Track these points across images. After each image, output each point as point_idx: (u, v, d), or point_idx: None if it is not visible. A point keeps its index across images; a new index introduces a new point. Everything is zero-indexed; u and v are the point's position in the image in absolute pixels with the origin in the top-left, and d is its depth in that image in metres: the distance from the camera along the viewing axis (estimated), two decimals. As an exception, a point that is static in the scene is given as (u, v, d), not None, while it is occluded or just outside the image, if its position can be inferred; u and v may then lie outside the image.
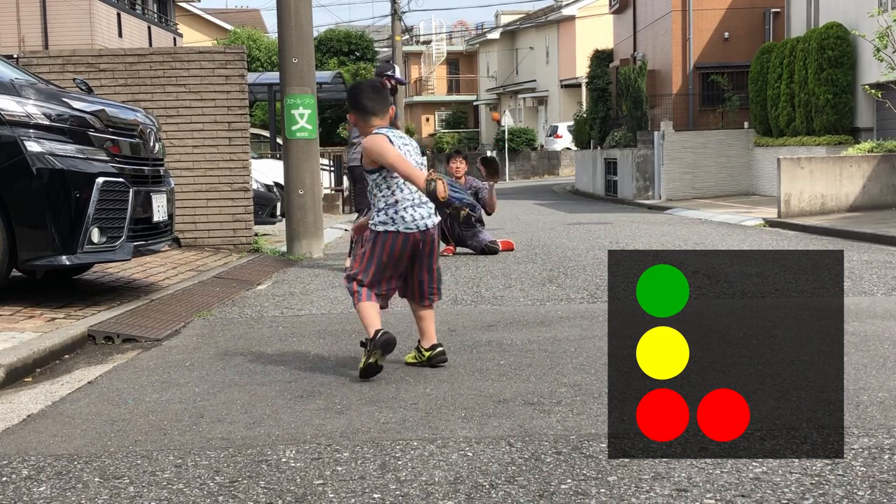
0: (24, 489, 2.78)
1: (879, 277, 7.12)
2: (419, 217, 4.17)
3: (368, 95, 4.30)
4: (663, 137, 21.35)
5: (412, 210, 4.17)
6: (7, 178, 5.39)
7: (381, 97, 4.31)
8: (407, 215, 4.16)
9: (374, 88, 4.35)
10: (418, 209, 4.18)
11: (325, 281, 7.79)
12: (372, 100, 4.28)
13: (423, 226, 4.16)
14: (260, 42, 39.07)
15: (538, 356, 4.46)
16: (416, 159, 4.19)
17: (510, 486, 2.66)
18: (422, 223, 4.16)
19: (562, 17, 43.04)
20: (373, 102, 4.27)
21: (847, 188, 13.91)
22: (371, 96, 4.29)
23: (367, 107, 4.28)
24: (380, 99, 4.30)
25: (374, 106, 4.27)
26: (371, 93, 4.31)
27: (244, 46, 10.38)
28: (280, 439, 3.19)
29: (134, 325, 5.37)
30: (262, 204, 12.49)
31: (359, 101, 4.30)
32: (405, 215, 4.15)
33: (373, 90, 4.33)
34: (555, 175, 40.22)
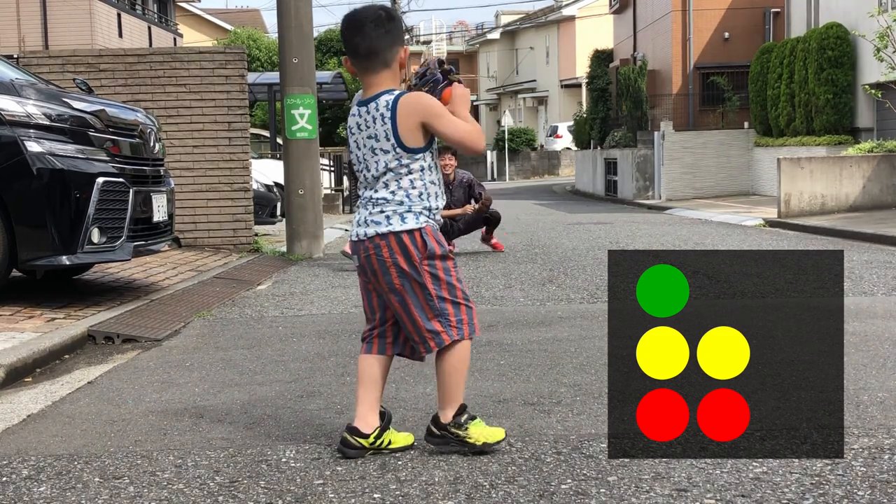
0: (24, 489, 2.78)
1: (879, 277, 7.12)
2: (357, 222, 3.02)
3: (361, 28, 2.98)
4: (663, 137, 21.35)
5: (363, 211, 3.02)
6: (7, 178, 5.39)
7: (380, 32, 2.96)
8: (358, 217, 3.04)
9: (375, 19, 2.96)
10: (361, 210, 3.02)
11: (325, 281, 7.79)
12: (367, 36, 2.96)
13: (355, 235, 3.01)
14: (260, 42, 39.08)
15: (538, 356, 4.45)
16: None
17: (510, 486, 2.66)
18: (359, 231, 2.99)
19: (562, 17, 43.02)
20: (367, 40, 2.95)
21: (847, 188, 13.91)
22: (364, 30, 2.96)
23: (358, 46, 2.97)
24: (377, 36, 2.96)
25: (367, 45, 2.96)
26: (366, 25, 2.96)
27: (244, 46, 10.38)
28: (280, 439, 3.19)
29: (134, 325, 5.37)
30: (262, 204, 12.49)
31: (346, 37, 3.01)
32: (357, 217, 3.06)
33: (372, 21, 2.95)
34: (555, 175, 40.21)
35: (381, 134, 2.92)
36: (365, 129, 2.96)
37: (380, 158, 2.94)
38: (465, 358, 2.98)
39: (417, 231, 2.92)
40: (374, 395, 3.01)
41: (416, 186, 2.94)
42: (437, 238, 2.97)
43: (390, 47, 2.96)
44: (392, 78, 2.98)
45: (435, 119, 2.91)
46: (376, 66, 2.96)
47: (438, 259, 2.95)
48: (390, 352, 3.04)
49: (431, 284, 2.92)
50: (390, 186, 2.94)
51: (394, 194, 2.93)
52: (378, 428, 2.98)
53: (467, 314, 2.96)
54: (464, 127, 2.96)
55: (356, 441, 2.96)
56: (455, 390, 2.96)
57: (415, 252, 2.91)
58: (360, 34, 2.94)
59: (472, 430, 2.95)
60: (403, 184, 2.94)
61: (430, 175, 2.98)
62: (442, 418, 2.96)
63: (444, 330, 2.92)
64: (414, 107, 2.90)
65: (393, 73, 2.98)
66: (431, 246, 2.93)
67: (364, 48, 2.94)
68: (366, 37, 2.93)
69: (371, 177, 2.97)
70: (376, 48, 2.94)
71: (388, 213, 2.92)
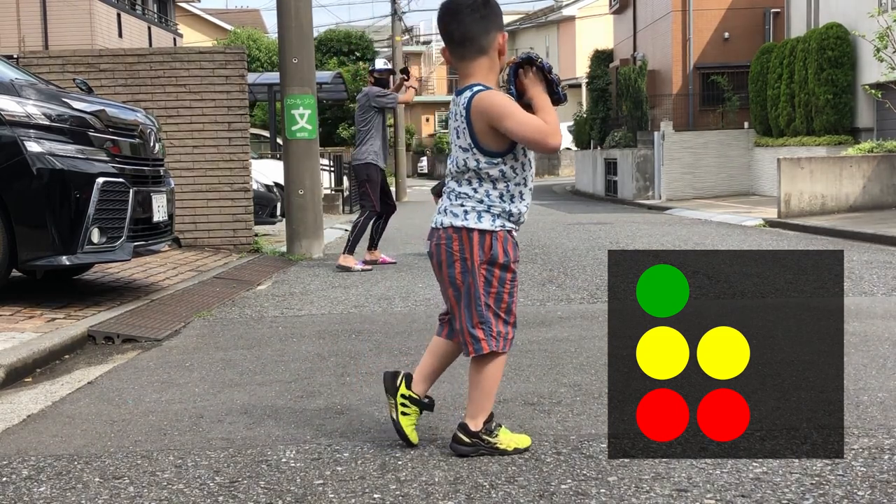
0: (24, 489, 2.77)
1: (879, 277, 7.12)
2: (439, 209, 3.01)
3: (455, 16, 2.89)
4: (663, 137, 21.36)
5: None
6: (7, 178, 5.39)
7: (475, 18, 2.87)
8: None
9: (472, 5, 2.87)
10: (444, 199, 2.99)
11: (325, 281, 7.79)
12: (460, 22, 2.88)
13: (435, 221, 3.00)
14: (260, 42, 39.07)
15: (538, 356, 4.45)
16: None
17: (510, 486, 2.66)
18: (437, 217, 2.99)
19: (562, 18, 43.05)
20: (460, 25, 2.88)
21: (847, 188, 13.92)
22: (459, 17, 2.88)
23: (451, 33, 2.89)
24: (472, 21, 2.87)
25: (460, 31, 2.88)
26: (462, 11, 2.87)
27: (244, 46, 10.38)
28: (280, 439, 3.19)
29: (134, 326, 5.37)
30: (262, 204, 12.49)
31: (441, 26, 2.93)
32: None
33: (469, 8, 2.87)
34: (555, 175, 40.22)
35: (461, 130, 2.87)
36: (453, 120, 2.92)
37: (460, 155, 2.89)
38: (502, 367, 2.97)
39: (489, 234, 2.87)
40: (432, 367, 3.07)
41: (497, 188, 2.88)
42: (505, 246, 2.89)
43: (486, 33, 2.86)
44: (490, 66, 2.89)
45: (500, 121, 2.79)
46: (471, 53, 2.87)
47: (498, 267, 2.89)
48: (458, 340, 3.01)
49: (482, 288, 2.88)
50: (472, 183, 2.89)
51: (475, 191, 2.88)
52: (420, 404, 3.04)
53: (505, 328, 2.92)
54: (531, 125, 2.79)
55: (409, 392, 3.03)
56: (487, 399, 2.94)
57: (479, 253, 2.87)
58: (456, 20, 2.85)
59: (502, 437, 2.95)
60: (485, 185, 2.88)
61: (515, 178, 2.88)
62: (472, 426, 2.92)
63: (486, 339, 2.89)
64: (479, 108, 2.82)
65: (490, 60, 2.89)
66: (496, 251, 2.88)
67: (459, 34, 2.85)
68: (461, 23, 2.85)
69: (454, 170, 2.93)
70: (471, 34, 2.85)
71: (468, 209, 2.88)
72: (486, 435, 2.93)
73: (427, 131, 51.14)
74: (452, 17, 2.87)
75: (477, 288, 2.88)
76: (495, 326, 2.90)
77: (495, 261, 2.88)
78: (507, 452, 2.93)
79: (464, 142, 2.86)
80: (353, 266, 8.55)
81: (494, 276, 2.90)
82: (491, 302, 2.89)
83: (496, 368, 2.94)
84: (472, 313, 2.89)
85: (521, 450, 2.96)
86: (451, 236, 2.90)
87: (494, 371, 2.94)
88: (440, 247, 2.93)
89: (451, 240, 2.90)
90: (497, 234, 2.88)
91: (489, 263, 2.89)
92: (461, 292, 2.91)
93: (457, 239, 2.89)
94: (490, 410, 2.97)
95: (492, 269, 2.89)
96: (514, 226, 2.93)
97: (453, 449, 2.95)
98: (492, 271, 2.89)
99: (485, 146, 2.84)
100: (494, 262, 2.89)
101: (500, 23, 2.93)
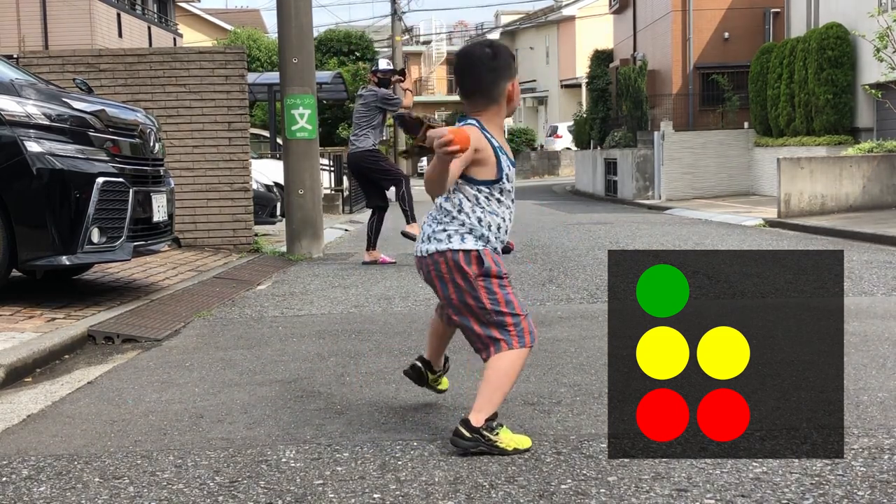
0: (24, 489, 2.78)
1: (879, 277, 7.12)
2: (422, 237, 3.12)
3: (469, 69, 3.07)
4: (663, 137, 21.36)
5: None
6: (7, 178, 5.39)
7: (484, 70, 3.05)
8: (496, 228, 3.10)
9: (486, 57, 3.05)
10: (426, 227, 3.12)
11: (325, 281, 7.79)
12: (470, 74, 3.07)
13: (419, 251, 3.09)
14: (260, 42, 39.05)
15: (538, 356, 4.45)
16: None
17: (510, 486, 2.66)
18: (422, 247, 3.08)
19: (562, 18, 43.05)
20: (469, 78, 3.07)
21: (847, 188, 13.92)
22: (474, 69, 3.06)
23: (465, 86, 3.09)
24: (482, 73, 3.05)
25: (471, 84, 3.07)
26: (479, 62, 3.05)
27: (244, 46, 10.38)
28: (280, 439, 3.19)
29: (134, 325, 5.37)
30: (262, 204, 12.49)
31: (458, 77, 3.10)
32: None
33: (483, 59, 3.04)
34: (555, 175, 40.22)
35: None
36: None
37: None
38: (518, 366, 2.98)
39: (475, 251, 2.97)
40: (439, 347, 3.41)
41: (476, 213, 2.99)
42: (494, 258, 3.00)
43: (495, 85, 3.02)
44: (497, 112, 3.05)
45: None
46: (482, 102, 3.02)
47: (494, 277, 2.98)
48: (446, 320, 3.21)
49: (487, 299, 2.96)
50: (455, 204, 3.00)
51: (460, 213, 2.99)
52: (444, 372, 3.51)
53: (527, 323, 2.99)
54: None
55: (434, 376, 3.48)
56: (498, 396, 2.96)
57: (469, 270, 2.96)
58: (467, 72, 3.03)
59: (503, 436, 2.96)
60: (465, 206, 2.99)
61: (493, 207, 3.02)
62: (474, 421, 2.93)
63: (503, 338, 2.95)
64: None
65: (499, 106, 3.05)
66: (488, 264, 2.97)
67: (470, 85, 3.03)
68: (472, 75, 3.02)
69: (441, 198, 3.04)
70: (482, 86, 3.01)
71: (451, 233, 2.99)
72: (487, 432, 2.93)
73: (427, 131, 51.07)
74: (464, 68, 3.04)
75: (480, 300, 2.96)
76: (516, 326, 2.97)
77: (489, 272, 2.98)
78: (506, 452, 2.93)
79: None
80: (378, 259, 9.02)
81: (494, 285, 2.98)
82: (503, 308, 2.97)
83: (510, 364, 2.95)
84: (482, 321, 2.97)
85: (521, 451, 2.96)
86: (437, 261, 3.00)
87: (507, 367, 2.95)
88: (430, 274, 3.04)
89: (438, 264, 3.00)
90: (483, 251, 2.99)
91: (485, 276, 2.97)
92: (462, 310, 3.00)
93: (443, 262, 2.99)
94: (496, 409, 2.97)
95: (490, 280, 2.98)
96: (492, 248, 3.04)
97: (453, 443, 2.95)
98: (490, 281, 2.98)
99: (469, 174, 2.97)
100: (489, 273, 2.98)
101: (512, 72, 3.06)
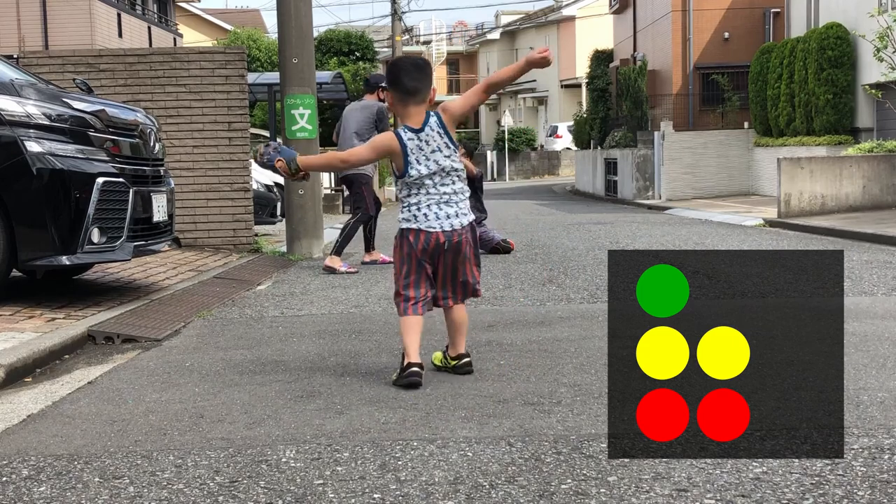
0: (24, 489, 2.77)
1: (879, 277, 7.12)
2: (444, 216, 3.95)
3: (410, 73, 3.95)
4: (663, 137, 21.35)
5: (436, 208, 3.95)
6: (7, 178, 5.39)
7: (423, 76, 3.96)
8: (430, 213, 3.95)
9: (417, 66, 3.98)
10: (443, 207, 3.96)
11: (325, 281, 7.79)
12: (414, 78, 3.93)
13: (450, 226, 3.95)
14: (260, 42, 39.03)
15: (538, 356, 4.45)
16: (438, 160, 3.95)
17: (510, 486, 2.66)
18: (446, 223, 3.95)
19: (562, 18, 43.05)
20: (414, 81, 3.93)
21: (847, 188, 13.92)
22: (413, 74, 3.94)
23: (408, 86, 3.93)
24: (422, 78, 3.95)
25: (415, 85, 3.93)
26: (413, 70, 3.96)
27: (244, 46, 10.38)
28: (280, 439, 3.19)
29: (134, 325, 5.37)
30: (262, 204, 12.50)
31: (398, 79, 3.95)
32: (428, 213, 3.95)
33: (415, 67, 3.96)
34: (555, 175, 40.22)
35: (444, 144, 3.94)
36: (426, 146, 3.93)
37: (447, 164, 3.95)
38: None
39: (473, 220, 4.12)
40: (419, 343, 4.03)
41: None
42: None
43: (427, 88, 3.98)
44: (425, 110, 3.99)
45: (452, 104, 4.02)
46: (416, 101, 3.95)
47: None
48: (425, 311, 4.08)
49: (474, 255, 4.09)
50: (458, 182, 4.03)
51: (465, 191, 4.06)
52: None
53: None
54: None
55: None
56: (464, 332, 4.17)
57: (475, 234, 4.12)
58: (408, 75, 3.94)
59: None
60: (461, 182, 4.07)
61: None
62: (460, 350, 4.13)
63: (479, 288, 4.20)
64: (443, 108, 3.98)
65: (426, 107, 3.99)
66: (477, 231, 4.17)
67: (411, 86, 3.93)
68: (412, 78, 3.94)
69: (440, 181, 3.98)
70: (417, 87, 3.94)
71: (467, 209, 4.04)
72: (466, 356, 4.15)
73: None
74: (404, 72, 3.95)
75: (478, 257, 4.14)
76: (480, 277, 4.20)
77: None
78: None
79: (446, 150, 3.95)
80: (338, 268, 8.42)
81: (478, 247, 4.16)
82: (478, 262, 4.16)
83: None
84: (475, 273, 4.09)
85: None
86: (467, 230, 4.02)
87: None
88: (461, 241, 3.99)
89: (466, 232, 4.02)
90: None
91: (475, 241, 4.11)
92: (471, 263, 4.05)
93: (469, 230, 4.03)
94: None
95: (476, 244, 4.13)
96: None
97: (468, 371, 4.08)
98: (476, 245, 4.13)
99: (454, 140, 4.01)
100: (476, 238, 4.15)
101: (432, 81, 4.13)
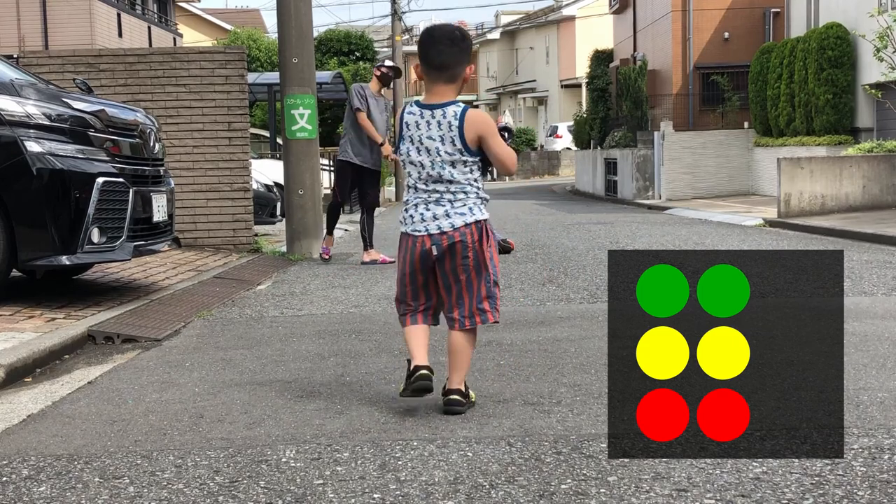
0: (24, 489, 2.78)
1: (879, 277, 7.12)
2: (430, 217, 3.41)
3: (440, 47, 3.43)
4: (663, 137, 21.35)
5: (423, 207, 3.44)
6: (7, 178, 5.39)
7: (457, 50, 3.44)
8: (416, 213, 3.46)
9: (451, 38, 3.45)
10: (431, 207, 3.42)
11: (325, 281, 7.79)
12: (443, 53, 3.42)
13: (437, 228, 3.39)
14: (260, 42, 39.03)
15: (538, 356, 4.45)
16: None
17: (510, 486, 2.66)
18: (433, 224, 3.40)
19: (562, 18, 43.04)
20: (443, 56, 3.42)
21: (847, 188, 13.91)
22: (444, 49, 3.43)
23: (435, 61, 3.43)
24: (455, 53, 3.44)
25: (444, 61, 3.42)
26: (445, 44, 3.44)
27: (244, 46, 10.39)
28: (280, 439, 3.19)
29: (134, 325, 5.37)
30: (262, 204, 12.49)
31: (427, 52, 3.44)
32: (414, 213, 3.47)
33: (449, 40, 3.44)
34: (555, 175, 40.21)
35: (446, 138, 3.39)
36: (425, 129, 3.41)
37: (445, 159, 3.39)
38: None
39: (485, 221, 3.44)
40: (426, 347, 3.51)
41: (479, 181, 3.47)
42: (491, 228, 3.50)
43: (459, 64, 3.44)
44: (455, 90, 3.47)
45: (492, 136, 3.43)
46: (444, 79, 3.43)
47: (493, 247, 3.48)
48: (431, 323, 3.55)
49: (494, 267, 3.46)
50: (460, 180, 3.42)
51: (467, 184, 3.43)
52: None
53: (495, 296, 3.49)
54: (508, 150, 3.52)
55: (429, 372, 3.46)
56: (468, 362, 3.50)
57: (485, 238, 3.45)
58: (436, 49, 3.42)
59: (471, 394, 3.56)
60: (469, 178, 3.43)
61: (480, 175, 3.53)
62: (461, 387, 3.45)
63: (490, 311, 3.46)
64: (475, 120, 3.41)
65: (457, 86, 3.48)
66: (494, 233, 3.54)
67: (438, 62, 3.41)
68: (441, 52, 3.41)
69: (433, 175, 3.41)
70: (448, 63, 3.42)
71: (470, 206, 3.41)
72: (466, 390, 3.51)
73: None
74: (433, 45, 3.43)
75: (493, 266, 3.45)
76: (497, 299, 3.49)
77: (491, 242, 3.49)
78: (473, 404, 3.51)
79: (450, 147, 3.39)
80: (378, 259, 8.92)
81: (495, 256, 3.48)
82: (498, 277, 3.49)
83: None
84: (482, 289, 3.42)
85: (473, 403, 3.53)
86: (463, 232, 3.40)
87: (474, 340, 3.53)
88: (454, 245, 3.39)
89: (464, 235, 3.40)
90: (490, 221, 3.50)
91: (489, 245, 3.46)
92: (471, 276, 3.41)
93: (469, 233, 3.40)
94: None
95: (492, 250, 3.46)
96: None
97: (453, 411, 3.39)
98: (492, 251, 3.47)
99: (471, 147, 3.41)
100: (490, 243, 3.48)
101: (470, 57, 3.54)
